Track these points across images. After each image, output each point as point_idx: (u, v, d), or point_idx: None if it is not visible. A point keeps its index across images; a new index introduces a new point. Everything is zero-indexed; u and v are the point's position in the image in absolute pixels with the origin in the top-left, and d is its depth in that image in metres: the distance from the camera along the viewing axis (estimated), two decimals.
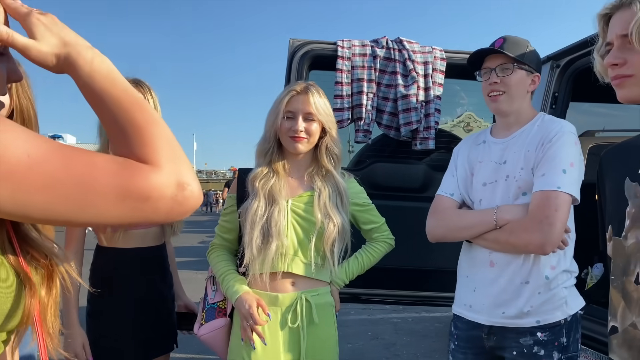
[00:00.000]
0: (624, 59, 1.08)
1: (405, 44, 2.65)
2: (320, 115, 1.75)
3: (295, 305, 1.70)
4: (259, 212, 1.68)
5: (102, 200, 0.64)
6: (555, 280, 1.67)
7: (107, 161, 0.66)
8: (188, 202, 0.70)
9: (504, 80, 1.74)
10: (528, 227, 1.60)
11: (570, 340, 1.69)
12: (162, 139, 0.71)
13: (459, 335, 1.83)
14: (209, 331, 1.76)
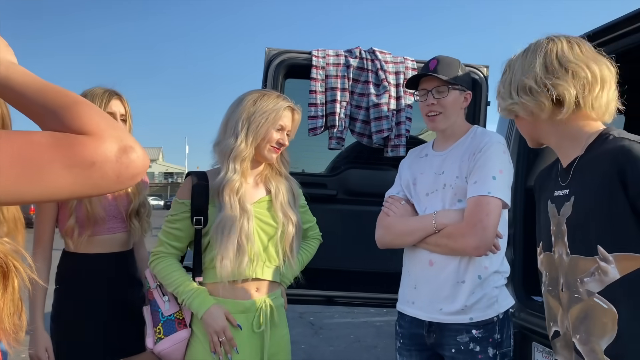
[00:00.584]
0: None
1: (377, 54, 2.73)
2: (294, 129, 1.84)
3: (259, 310, 1.75)
4: (235, 224, 1.67)
5: (49, 173, 0.67)
6: (488, 280, 1.80)
7: (44, 136, 0.68)
8: (134, 164, 0.72)
9: (440, 102, 1.89)
10: (464, 231, 1.73)
11: (504, 337, 1.83)
12: (95, 112, 0.73)
13: (403, 334, 1.95)
14: (172, 344, 1.72)
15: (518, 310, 2.76)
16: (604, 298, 1.14)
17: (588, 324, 1.17)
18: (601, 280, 1.14)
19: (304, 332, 5.57)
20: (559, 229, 1.27)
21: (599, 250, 1.15)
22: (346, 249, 2.68)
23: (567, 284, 1.24)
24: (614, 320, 1.12)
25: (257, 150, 1.76)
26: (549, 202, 1.33)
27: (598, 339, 1.15)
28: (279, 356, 1.82)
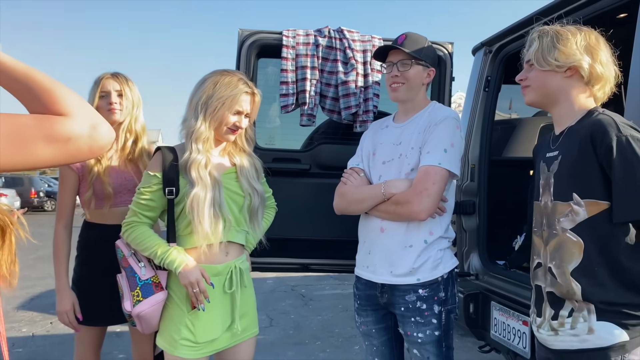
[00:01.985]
0: (526, 76, 1.62)
1: (345, 33, 2.85)
2: (254, 112, 1.97)
3: (231, 273, 1.90)
4: (208, 197, 1.82)
5: (35, 148, 0.85)
6: (433, 244, 1.96)
7: (29, 118, 0.86)
8: (103, 138, 0.90)
9: (404, 74, 2.02)
10: (410, 198, 1.89)
11: (449, 295, 1.99)
12: (69, 95, 0.90)
13: (359, 295, 2.13)
14: (151, 306, 1.84)
15: (482, 274, 2.95)
16: (574, 233, 1.48)
17: (561, 253, 1.51)
18: (573, 220, 1.48)
19: (294, 304, 5.79)
20: (547, 182, 1.59)
21: (574, 197, 1.48)
22: (319, 219, 2.84)
23: (548, 223, 1.56)
24: (581, 250, 1.46)
25: (216, 131, 1.89)
26: (541, 162, 1.64)
27: (567, 264, 1.48)
28: (249, 314, 1.99)
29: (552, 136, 1.65)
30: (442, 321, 1.96)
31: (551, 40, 1.55)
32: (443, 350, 1.98)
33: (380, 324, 2.11)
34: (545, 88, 1.58)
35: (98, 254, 2.17)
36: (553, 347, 1.56)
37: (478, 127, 3.09)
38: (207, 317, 1.84)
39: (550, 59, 1.53)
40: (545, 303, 1.58)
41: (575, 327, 1.48)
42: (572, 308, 1.49)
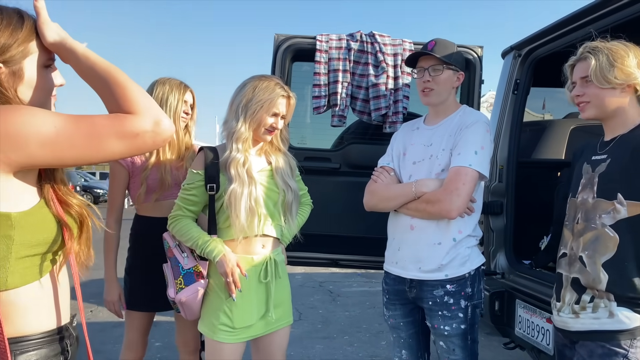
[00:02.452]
0: (584, 92, 1.72)
1: (377, 38, 2.95)
2: (289, 114, 2.11)
3: (266, 264, 2.04)
4: (245, 193, 1.97)
5: (107, 143, 1.01)
6: (461, 242, 2.05)
7: (103, 118, 1.02)
8: (165, 132, 1.06)
9: (435, 79, 2.11)
10: (440, 197, 1.98)
11: (475, 290, 2.08)
12: (139, 94, 1.05)
13: (388, 290, 2.23)
14: (192, 293, 1.99)
15: (508, 273, 3.01)
16: (612, 229, 1.62)
17: (596, 245, 1.65)
18: (614, 217, 1.62)
19: (322, 299, 5.92)
20: (590, 181, 1.73)
21: (618, 197, 1.62)
22: (348, 216, 2.95)
23: (587, 218, 1.70)
24: (615, 245, 1.61)
25: (254, 132, 2.03)
26: (585, 164, 1.79)
27: (600, 256, 1.63)
28: (283, 304, 2.12)
29: (600, 141, 1.78)
30: (468, 315, 2.05)
31: (607, 59, 1.65)
32: (468, 343, 2.07)
33: (407, 318, 2.21)
34: (605, 104, 1.70)
35: (147, 245, 2.33)
36: (572, 329, 1.68)
37: (507, 129, 3.14)
38: (244, 304, 1.98)
39: (611, 78, 1.64)
40: (567, 289, 1.72)
41: (597, 311, 1.62)
42: (592, 295, 1.63)
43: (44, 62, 1.09)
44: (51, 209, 1.06)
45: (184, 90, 2.42)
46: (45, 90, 1.09)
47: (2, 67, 1.02)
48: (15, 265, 1.00)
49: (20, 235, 0.99)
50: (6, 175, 0.97)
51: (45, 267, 1.07)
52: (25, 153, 0.95)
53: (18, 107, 1.00)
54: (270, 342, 2.11)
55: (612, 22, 2.40)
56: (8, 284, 0.99)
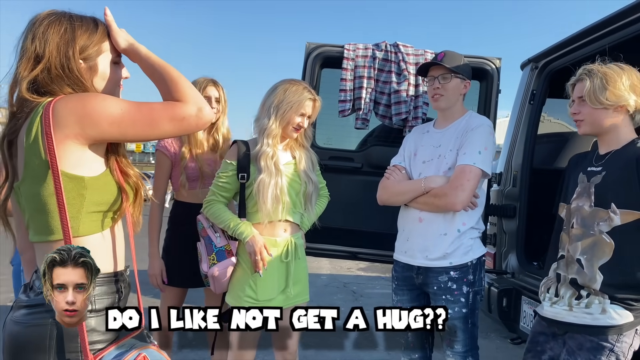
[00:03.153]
0: (579, 110, 1.92)
1: (400, 48, 3.18)
2: (314, 114, 2.36)
3: (287, 246, 2.29)
4: (271, 182, 2.23)
5: (160, 124, 1.26)
6: (465, 233, 2.27)
7: (159, 104, 1.28)
8: (205, 117, 1.30)
9: (444, 86, 2.35)
10: (447, 192, 2.20)
11: (476, 278, 2.29)
12: (187, 87, 1.31)
13: (397, 277, 2.45)
14: (223, 268, 2.28)
15: (518, 272, 3.18)
16: (609, 235, 1.79)
17: (594, 250, 1.82)
18: (609, 225, 1.79)
19: (345, 298, 6.12)
20: (585, 190, 1.90)
21: (612, 206, 1.78)
22: (369, 212, 3.17)
23: (584, 224, 1.87)
24: (611, 250, 1.78)
25: (283, 129, 2.30)
26: (581, 174, 1.96)
27: (598, 259, 1.80)
28: (301, 282, 2.37)
29: (595, 154, 1.97)
30: (470, 300, 2.25)
31: (601, 82, 1.85)
32: (469, 327, 2.27)
33: (414, 302, 2.42)
34: (597, 123, 1.89)
35: (184, 227, 2.61)
36: (563, 320, 1.87)
37: (522, 137, 3.32)
38: (266, 280, 2.23)
39: (602, 99, 1.83)
40: (564, 285, 1.90)
41: (590, 307, 1.80)
42: (588, 292, 1.82)
43: (113, 59, 1.37)
44: (114, 177, 1.32)
45: (206, 85, 2.68)
46: (114, 82, 1.38)
47: (82, 63, 1.31)
48: (85, 218, 1.26)
49: (90, 194, 1.26)
50: (82, 147, 1.24)
51: (107, 223, 1.33)
52: (98, 130, 1.22)
53: (94, 94, 1.28)
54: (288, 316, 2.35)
55: (625, 35, 2.56)
56: (80, 231, 1.26)
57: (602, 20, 2.70)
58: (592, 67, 1.91)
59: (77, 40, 1.29)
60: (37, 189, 1.22)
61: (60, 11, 1.33)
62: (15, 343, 1.22)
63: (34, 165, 1.21)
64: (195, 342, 3.71)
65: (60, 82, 1.27)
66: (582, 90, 1.89)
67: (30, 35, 1.27)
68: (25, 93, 1.24)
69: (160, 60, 1.35)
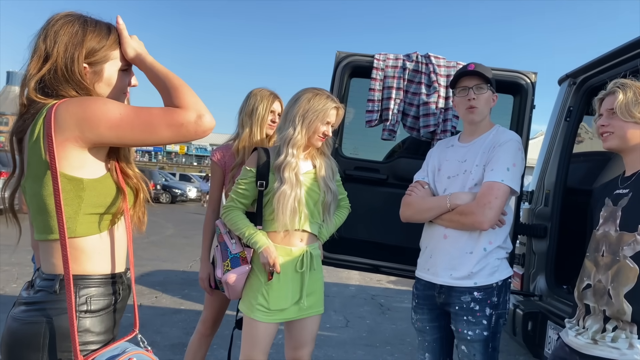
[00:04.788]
0: (609, 122, 1.84)
1: (432, 59, 3.11)
2: (337, 122, 2.36)
3: (303, 256, 2.27)
4: (292, 194, 2.21)
5: (158, 129, 1.25)
6: (491, 253, 2.17)
7: (158, 110, 1.27)
8: (205, 124, 1.27)
9: (479, 97, 2.26)
10: (474, 210, 2.11)
11: (501, 300, 2.18)
12: (187, 94, 1.29)
13: (418, 295, 2.37)
14: (237, 275, 2.24)
15: (546, 296, 3.05)
16: (633, 260, 1.69)
17: (620, 277, 1.72)
18: (634, 249, 1.70)
19: (371, 310, 6.04)
20: (611, 215, 1.81)
21: (638, 228, 1.70)
22: (393, 225, 3.10)
23: (611, 250, 1.77)
24: (635, 276, 1.68)
25: (308, 139, 2.29)
26: (606, 198, 1.88)
27: (623, 287, 1.69)
28: (315, 293, 2.34)
29: (621, 177, 1.87)
30: (492, 323, 2.16)
31: (634, 95, 1.78)
32: (489, 351, 2.18)
33: (434, 322, 2.34)
34: (626, 137, 1.81)
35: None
36: (588, 353, 1.76)
37: (557, 154, 3.20)
38: (280, 289, 2.21)
39: (635, 112, 1.77)
40: (591, 317, 1.80)
41: (617, 341, 1.69)
42: (616, 325, 1.71)
43: (121, 67, 1.39)
44: (114, 178, 1.33)
45: (272, 100, 2.74)
46: (119, 89, 1.40)
47: (88, 67, 1.33)
48: (82, 219, 1.28)
49: (89, 197, 1.27)
50: (82, 149, 1.25)
51: (104, 225, 1.34)
52: (96, 133, 1.23)
53: (96, 98, 1.30)
54: (302, 327, 2.32)
55: None
56: (77, 232, 1.27)
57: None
58: (625, 81, 1.83)
59: (86, 44, 1.30)
60: (38, 189, 1.24)
61: (77, 13, 1.35)
62: (12, 339, 1.24)
63: (35, 165, 1.24)
64: (215, 346, 3.73)
65: (65, 84, 1.29)
66: (614, 102, 1.81)
67: (44, 34, 1.30)
68: (32, 93, 1.27)
69: (164, 68, 1.35)
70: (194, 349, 2.78)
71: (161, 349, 4.11)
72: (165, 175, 28.55)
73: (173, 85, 1.30)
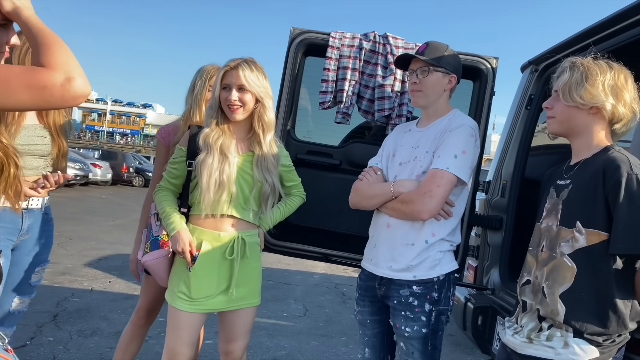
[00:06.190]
0: (552, 105, 1.69)
1: (390, 39, 2.96)
2: (251, 87, 2.05)
3: (233, 242, 2.08)
4: (214, 165, 2.03)
5: (16, 91, 1.04)
6: (434, 245, 2.03)
7: (20, 68, 1.09)
8: (75, 90, 1.06)
9: (422, 81, 2.11)
10: (413, 198, 1.98)
11: (442, 296, 2.04)
12: (59, 52, 1.10)
13: (361, 286, 2.24)
14: (153, 258, 2.11)
15: (499, 290, 2.95)
16: (570, 258, 1.57)
17: (555, 275, 1.59)
18: (572, 246, 1.57)
19: (332, 300, 5.93)
20: (554, 207, 1.68)
21: (577, 225, 1.56)
22: (344, 213, 2.96)
23: (550, 246, 1.64)
24: (573, 275, 1.55)
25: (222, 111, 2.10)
26: (551, 188, 1.74)
27: (558, 286, 1.57)
28: (249, 284, 2.16)
29: (566, 165, 1.74)
30: (432, 320, 2.03)
31: (580, 76, 1.61)
32: (428, 349, 2.05)
33: (374, 316, 2.21)
34: (569, 122, 1.66)
35: None
36: (523, 353, 1.65)
37: (515, 143, 3.09)
38: (203, 276, 2.05)
39: (576, 96, 1.61)
40: (527, 315, 1.69)
41: (552, 339, 1.57)
42: (551, 324, 1.60)
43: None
44: None
45: (212, 76, 2.51)
46: None
47: None
48: None
49: None
50: None
51: None
52: None
53: None
54: (233, 319, 2.17)
55: (626, 38, 2.32)
56: None
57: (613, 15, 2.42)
58: (576, 59, 1.66)
59: None
60: None
61: None
62: None
63: None
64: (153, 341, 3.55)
65: None
66: (560, 84, 1.66)
67: None
68: None
69: (41, 23, 1.15)
70: (126, 341, 2.57)
71: (104, 337, 3.93)
72: (140, 159, 28.06)
73: (45, 42, 1.11)
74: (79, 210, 11.96)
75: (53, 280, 5.45)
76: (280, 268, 7.33)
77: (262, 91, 2.09)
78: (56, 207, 10.30)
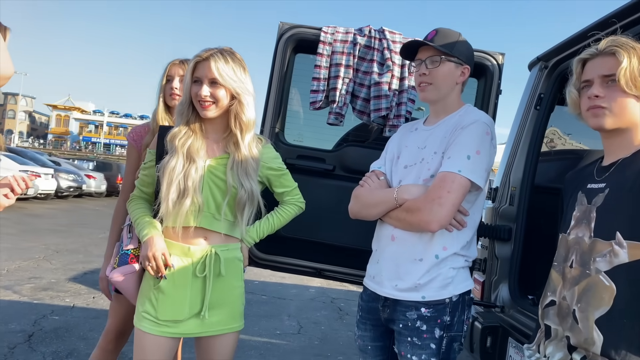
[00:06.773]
0: (604, 94, 1.37)
1: (386, 34, 2.72)
2: (224, 81, 1.77)
3: (205, 257, 1.80)
4: (177, 169, 1.75)
5: None
6: (445, 260, 1.73)
7: None
8: None
9: (432, 72, 1.82)
10: (420, 206, 1.69)
11: (455, 320, 1.74)
12: None
13: (362, 307, 1.93)
14: (122, 274, 1.85)
15: (508, 307, 2.68)
16: (608, 277, 1.30)
17: (589, 296, 1.32)
18: (610, 262, 1.30)
19: (329, 315, 5.64)
20: (585, 215, 1.42)
21: (617, 236, 1.30)
22: (337, 223, 2.70)
23: (582, 261, 1.38)
24: (611, 296, 1.28)
25: (193, 108, 1.83)
26: (579, 193, 1.47)
27: (594, 310, 1.30)
28: (226, 307, 1.86)
29: (597, 166, 1.47)
30: (442, 348, 1.73)
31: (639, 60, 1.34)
32: None
33: (376, 342, 1.92)
34: (624, 114, 1.36)
35: None
36: None
37: (524, 146, 2.83)
38: (173, 296, 1.78)
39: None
40: (552, 342, 1.43)
41: None
42: (584, 355, 1.32)
43: None
44: None
45: (172, 66, 2.31)
46: None
47: None
48: None
49: None
50: None
51: None
52: None
53: None
54: (209, 346, 1.88)
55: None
56: None
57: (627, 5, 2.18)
58: (625, 40, 1.37)
59: None
60: None
61: None
62: None
63: None
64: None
65: None
66: (613, 67, 1.35)
67: None
68: None
69: None
70: None
71: (80, 359, 3.63)
72: None
73: None
74: (69, 222, 11.65)
75: (33, 297, 5.16)
76: (275, 281, 7.04)
77: (238, 86, 1.80)
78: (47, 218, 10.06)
